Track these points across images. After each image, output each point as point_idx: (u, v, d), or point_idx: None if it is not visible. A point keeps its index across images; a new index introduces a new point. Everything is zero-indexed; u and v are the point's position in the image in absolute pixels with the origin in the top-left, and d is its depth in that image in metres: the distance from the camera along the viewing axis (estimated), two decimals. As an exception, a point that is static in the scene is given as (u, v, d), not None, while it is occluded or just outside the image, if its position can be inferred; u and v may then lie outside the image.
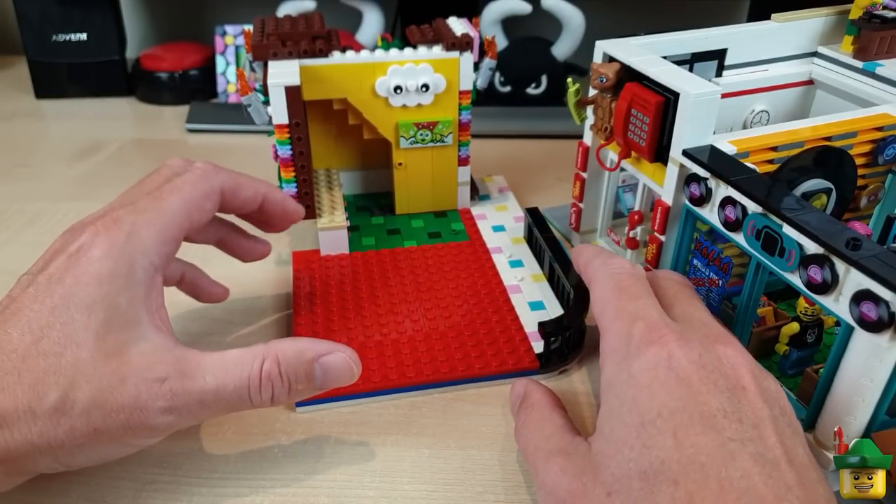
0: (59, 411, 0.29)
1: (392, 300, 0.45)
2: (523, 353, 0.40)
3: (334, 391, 0.35)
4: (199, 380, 0.31)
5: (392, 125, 0.50)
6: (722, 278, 0.38)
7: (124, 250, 0.32)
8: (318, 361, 0.32)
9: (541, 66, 0.73)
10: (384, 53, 0.48)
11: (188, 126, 0.72)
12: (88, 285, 0.31)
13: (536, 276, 0.48)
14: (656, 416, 0.26)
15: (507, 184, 0.60)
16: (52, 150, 0.68)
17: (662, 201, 0.41)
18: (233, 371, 0.31)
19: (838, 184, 0.40)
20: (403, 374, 0.39)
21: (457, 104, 0.50)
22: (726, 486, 0.24)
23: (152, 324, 0.32)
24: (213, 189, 0.36)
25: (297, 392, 0.33)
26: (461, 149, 0.53)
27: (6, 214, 0.57)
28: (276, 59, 0.46)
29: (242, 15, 0.84)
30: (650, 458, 0.26)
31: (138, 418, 0.30)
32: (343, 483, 0.34)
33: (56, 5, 0.75)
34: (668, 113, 0.39)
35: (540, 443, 0.31)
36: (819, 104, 0.49)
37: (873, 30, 0.45)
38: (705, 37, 0.45)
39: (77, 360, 0.29)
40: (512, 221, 0.54)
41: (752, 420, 0.26)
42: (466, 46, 0.48)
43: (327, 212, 0.49)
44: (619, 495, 0.26)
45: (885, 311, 0.28)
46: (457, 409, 0.38)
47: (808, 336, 0.38)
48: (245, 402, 0.31)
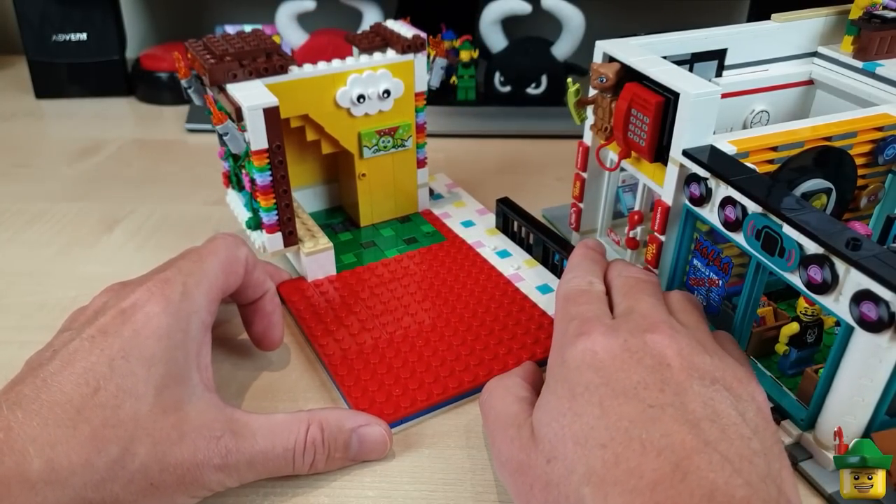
0: (118, 465, 0.28)
1: (409, 311, 0.44)
2: None
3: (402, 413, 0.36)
4: (250, 440, 0.31)
5: (354, 136, 0.49)
6: (722, 278, 0.38)
7: (181, 308, 0.32)
8: (356, 431, 0.34)
9: (541, 66, 0.73)
10: (341, 63, 0.46)
11: (188, 126, 0.71)
12: (148, 339, 0.31)
13: (530, 263, 0.49)
14: (584, 390, 0.29)
15: (451, 180, 0.60)
16: (52, 150, 0.68)
17: (662, 201, 0.41)
18: (280, 434, 0.32)
19: (838, 184, 0.40)
20: (460, 381, 0.38)
21: (413, 107, 0.50)
22: (648, 446, 0.26)
23: (202, 382, 0.33)
24: (241, 257, 0.37)
25: (334, 461, 0.34)
26: (419, 151, 0.52)
27: (6, 214, 0.57)
28: (236, 81, 0.42)
29: (242, 15, 0.85)
30: (581, 424, 0.28)
31: (193, 475, 0.30)
32: (343, 483, 0.34)
33: (56, 5, 0.75)
34: (668, 113, 0.39)
35: (499, 411, 0.33)
36: (819, 104, 0.49)
37: (873, 30, 0.45)
38: (705, 37, 0.45)
39: (137, 414, 0.29)
40: (476, 215, 0.55)
41: (674, 389, 0.28)
42: (420, 48, 0.48)
43: (306, 236, 0.46)
44: (557, 461, 0.28)
45: (885, 311, 0.28)
46: (457, 409, 0.38)
47: (808, 336, 0.38)
48: (288, 466, 0.33)
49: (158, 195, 0.59)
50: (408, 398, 0.37)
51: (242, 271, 0.38)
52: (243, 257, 0.38)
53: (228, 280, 0.36)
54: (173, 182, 0.61)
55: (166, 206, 0.58)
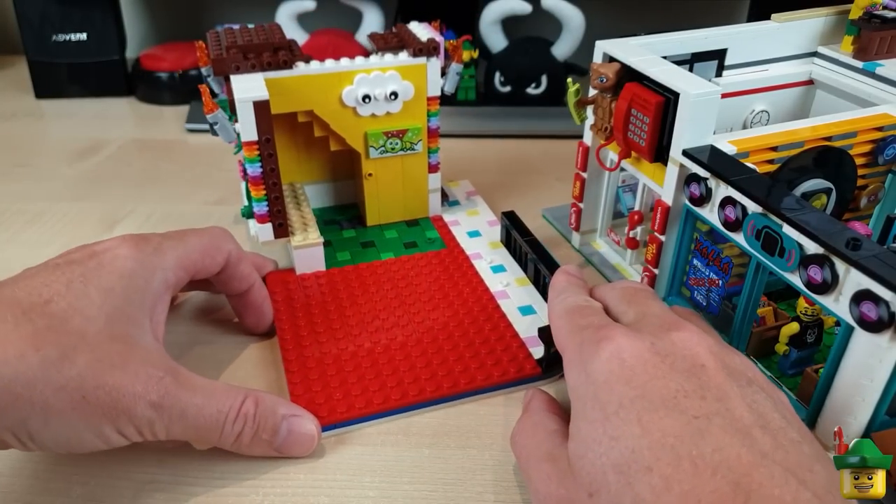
0: (54, 367, 0.28)
1: (379, 315, 0.43)
2: (523, 360, 0.40)
3: (337, 417, 0.36)
4: (189, 391, 0.32)
5: (360, 135, 0.48)
6: (722, 278, 0.38)
7: (148, 258, 0.34)
8: (287, 419, 0.34)
9: (541, 66, 0.73)
10: (350, 62, 0.46)
11: (188, 126, 0.71)
12: (111, 273, 0.32)
13: (521, 281, 0.47)
14: (618, 408, 0.26)
15: (473, 188, 0.59)
16: (52, 150, 0.68)
17: (662, 201, 0.41)
18: (217, 397, 0.32)
19: (838, 184, 0.40)
20: (405, 392, 0.38)
21: (425, 111, 0.49)
22: (700, 464, 0.24)
23: (153, 331, 0.33)
24: (225, 247, 0.39)
25: (260, 442, 0.33)
26: (431, 155, 0.51)
27: (6, 214, 0.57)
28: (239, 73, 0.43)
29: (242, 15, 0.85)
30: (620, 448, 0.25)
31: (126, 403, 0.30)
32: (343, 483, 0.34)
33: (56, 5, 0.75)
34: (668, 113, 0.39)
35: (531, 449, 0.31)
36: (819, 104, 0.49)
37: (873, 30, 0.45)
38: (705, 37, 0.45)
39: (84, 331, 0.30)
40: (486, 226, 0.53)
41: (715, 395, 0.26)
42: (433, 52, 0.47)
43: (299, 229, 0.47)
44: (600, 494, 0.25)
45: (885, 311, 0.28)
46: (457, 409, 0.38)
47: (808, 336, 0.38)
48: (216, 430, 0.32)
49: (158, 195, 0.59)
50: (346, 404, 0.37)
51: (222, 260, 0.39)
52: (227, 249, 0.39)
53: (205, 260, 0.38)
54: (173, 182, 0.61)
55: (166, 206, 0.58)
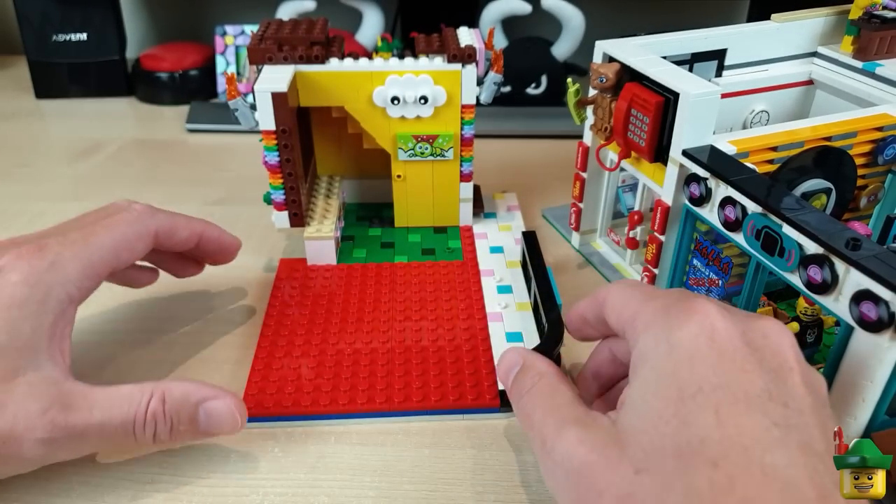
0: None
1: (365, 318, 0.43)
2: (486, 388, 0.38)
3: (284, 410, 0.37)
4: (85, 413, 0.31)
5: (391, 136, 0.49)
6: (722, 278, 0.38)
7: (42, 279, 0.32)
8: (202, 406, 0.33)
9: (541, 66, 0.73)
10: (383, 63, 0.46)
11: (188, 126, 0.71)
12: None
13: (522, 305, 0.45)
14: (697, 391, 0.24)
15: (517, 202, 0.57)
16: (52, 150, 0.68)
17: (662, 201, 0.41)
18: (120, 406, 0.31)
19: (838, 184, 0.40)
20: (353, 399, 0.37)
21: (459, 118, 0.49)
22: (770, 474, 0.22)
23: (49, 354, 0.32)
24: (147, 231, 0.38)
25: (180, 433, 0.33)
26: (463, 164, 0.51)
27: (6, 214, 0.57)
28: (271, 64, 0.45)
29: (242, 15, 0.85)
30: (689, 434, 0.24)
31: (12, 448, 0.29)
32: (343, 483, 0.34)
33: (56, 5, 0.75)
34: (667, 113, 0.39)
35: (550, 410, 0.29)
36: (819, 104, 0.49)
37: (873, 30, 0.45)
38: (705, 37, 0.45)
39: None
40: (513, 243, 0.52)
41: (797, 406, 0.24)
42: (469, 59, 0.47)
43: (317, 220, 0.48)
44: (649, 473, 0.24)
45: (885, 311, 0.28)
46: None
47: (808, 336, 0.38)
48: (129, 438, 0.32)
49: (158, 195, 0.59)
50: (293, 399, 0.37)
51: (145, 245, 0.38)
52: (152, 230, 0.38)
53: (120, 257, 0.36)
54: (173, 182, 0.61)
55: (166, 206, 0.57)
